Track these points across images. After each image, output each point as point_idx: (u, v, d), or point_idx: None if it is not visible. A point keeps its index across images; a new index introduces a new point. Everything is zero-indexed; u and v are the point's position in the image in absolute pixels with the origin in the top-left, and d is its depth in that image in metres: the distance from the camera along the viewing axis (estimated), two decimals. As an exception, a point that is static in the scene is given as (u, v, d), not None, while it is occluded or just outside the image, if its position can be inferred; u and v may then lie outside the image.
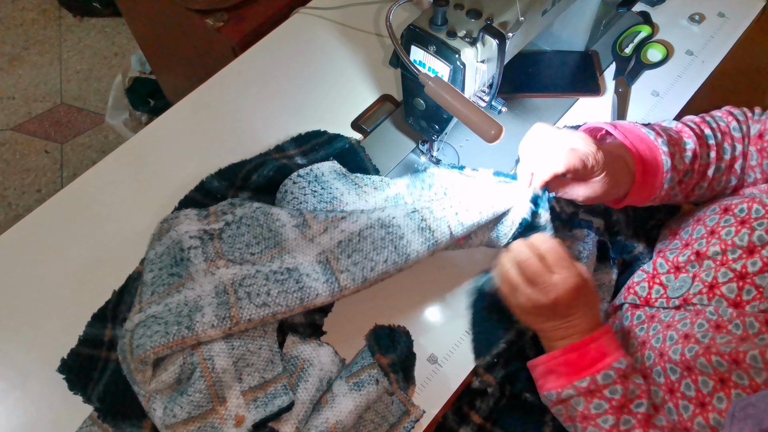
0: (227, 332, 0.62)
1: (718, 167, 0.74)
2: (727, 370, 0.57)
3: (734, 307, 0.61)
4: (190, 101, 0.94)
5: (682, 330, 0.64)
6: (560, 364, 0.64)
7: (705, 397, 0.58)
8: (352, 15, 1.05)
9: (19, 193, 1.84)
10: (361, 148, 0.88)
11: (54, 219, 0.82)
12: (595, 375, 0.62)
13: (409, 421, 0.68)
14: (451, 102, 0.64)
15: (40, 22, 2.21)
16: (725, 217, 0.68)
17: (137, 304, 0.67)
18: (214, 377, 0.61)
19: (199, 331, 0.61)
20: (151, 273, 0.69)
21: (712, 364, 0.58)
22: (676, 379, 0.62)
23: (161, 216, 0.79)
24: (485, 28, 0.65)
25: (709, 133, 0.73)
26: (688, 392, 0.60)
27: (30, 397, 0.69)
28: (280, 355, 0.67)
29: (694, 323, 0.63)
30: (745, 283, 0.61)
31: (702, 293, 0.65)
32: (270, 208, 0.73)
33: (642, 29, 1.01)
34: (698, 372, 0.59)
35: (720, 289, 0.63)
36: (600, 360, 0.63)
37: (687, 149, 0.71)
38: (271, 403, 0.63)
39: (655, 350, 0.65)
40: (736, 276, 0.62)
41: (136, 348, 0.61)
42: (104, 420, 0.66)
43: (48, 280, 0.77)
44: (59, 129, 1.96)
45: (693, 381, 0.60)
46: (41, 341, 0.73)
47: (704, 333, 0.61)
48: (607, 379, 0.61)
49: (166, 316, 0.63)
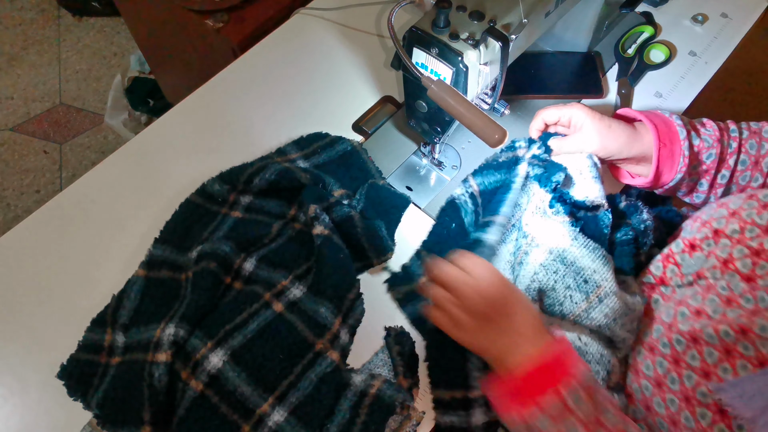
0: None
1: (742, 160, 0.74)
2: (734, 340, 0.57)
3: (747, 281, 0.61)
4: (191, 102, 0.94)
5: (693, 306, 0.64)
6: (519, 384, 0.59)
7: (709, 368, 0.58)
8: (352, 16, 1.04)
9: (17, 193, 1.83)
10: (363, 151, 0.87)
11: (53, 222, 0.81)
12: (561, 391, 0.56)
13: (410, 425, 0.68)
14: (454, 106, 0.63)
15: (38, 22, 2.20)
16: (749, 201, 0.68)
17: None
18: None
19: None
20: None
21: (719, 335, 0.58)
22: (681, 350, 0.62)
23: (161, 219, 0.79)
24: (488, 31, 0.64)
25: (734, 127, 0.74)
26: (693, 362, 0.60)
27: (29, 403, 0.69)
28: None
29: (705, 298, 0.63)
30: (760, 259, 0.61)
31: (716, 268, 0.65)
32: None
33: (645, 30, 1.00)
34: (704, 343, 0.60)
35: (734, 264, 0.63)
36: (561, 376, 0.58)
37: (706, 134, 0.73)
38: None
39: (665, 324, 0.66)
40: (752, 252, 0.62)
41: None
42: (103, 426, 0.65)
43: (47, 283, 0.77)
44: (58, 129, 1.96)
45: (699, 352, 0.60)
46: (40, 346, 0.72)
47: (715, 308, 0.61)
48: (573, 394, 0.56)
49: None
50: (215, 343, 0.65)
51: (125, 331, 0.71)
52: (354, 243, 0.76)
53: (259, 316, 0.68)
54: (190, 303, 0.68)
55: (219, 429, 0.63)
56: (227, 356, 0.65)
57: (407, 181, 0.87)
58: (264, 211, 0.81)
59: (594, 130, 0.73)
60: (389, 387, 0.66)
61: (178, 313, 0.68)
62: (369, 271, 0.78)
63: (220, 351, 0.65)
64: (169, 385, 0.64)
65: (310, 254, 0.75)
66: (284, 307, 0.70)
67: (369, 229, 0.77)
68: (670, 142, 0.72)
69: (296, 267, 0.74)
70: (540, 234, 0.70)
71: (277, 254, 0.75)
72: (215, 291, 0.71)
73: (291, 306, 0.70)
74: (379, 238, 0.77)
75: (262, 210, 0.81)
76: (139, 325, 0.71)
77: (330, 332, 0.69)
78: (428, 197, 0.86)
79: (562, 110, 0.75)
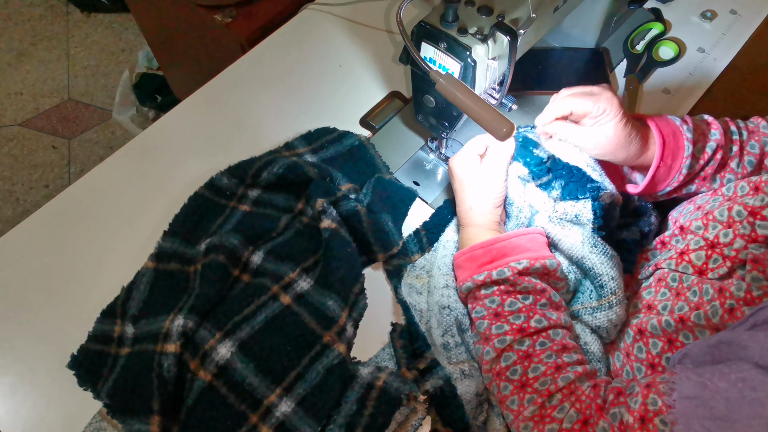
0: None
1: (749, 161, 0.73)
2: (675, 330, 0.59)
3: (698, 274, 0.63)
4: (199, 97, 0.94)
5: (646, 299, 0.67)
6: (466, 260, 0.71)
7: (654, 358, 0.61)
8: (360, 11, 1.05)
9: (26, 188, 1.84)
10: (371, 145, 0.87)
11: (62, 215, 0.82)
12: (491, 272, 0.67)
13: (416, 418, 0.68)
14: (462, 99, 0.63)
15: (47, 18, 2.22)
16: (715, 197, 0.69)
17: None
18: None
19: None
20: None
21: (662, 326, 0.60)
22: (630, 342, 0.65)
23: (170, 212, 0.80)
24: (496, 25, 0.64)
25: (734, 129, 0.74)
26: (640, 354, 0.63)
27: (39, 393, 0.69)
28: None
29: (658, 292, 0.66)
30: (714, 252, 0.62)
31: (672, 258, 0.66)
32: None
33: (654, 26, 1.00)
34: (649, 335, 0.62)
35: (689, 255, 0.64)
36: (500, 258, 0.68)
37: (712, 139, 0.71)
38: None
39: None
40: (707, 245, 0.63)
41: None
42: (113, 416, 0.66)
43: (56, 276, 0.77)
44: (67, 125, 1.97)
45: (644, 344, 0.63)
46: (50, 337, 0.73)
47: (665, 303, 0.64)
48: (501, 274, 0.66)
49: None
50: (223, 335, 0.66)
51: (134, 323, 0.72)
52: (360, 237, 0.77)
53: (267, 308, 0.69)
54: (198, 295, 0.69)
55: (227, 419, 0.63)
56: (235, 347, 0.65)
57: (414, 176, 0.87)
58: (272, 204, 0.81)
59: (615, 139, 0.67)
60: (395, 379, 0.66)
61: (187, 304, 0.69)
62: (373, 266, 0.79)
63: (229, 342, 0.66)
64: (177, 375, 0.65)
65: (317, 247, 0.75)
66: (292, 300, 0.70)
67: (375, 223, 0.77)
68: (672, 158, 0.69)
69: (304, 260, 0.75)
70: (559, 241, 0.71)
71: (284, 247, 0.75)
72: (223, 283, 0.71)
73: (298, 298, 0.70)
74: (385, 233, 0.78)
75: (270, 203, 0.81)
76: (148, 317, 0.72)
77: (337, 325, 0.69)
78: (435, 192, 0.86)
79: (597, 102, 0.65)
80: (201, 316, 0.68)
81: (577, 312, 0.70)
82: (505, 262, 0.67)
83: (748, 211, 0.61)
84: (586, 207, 0.69)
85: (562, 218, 0.71)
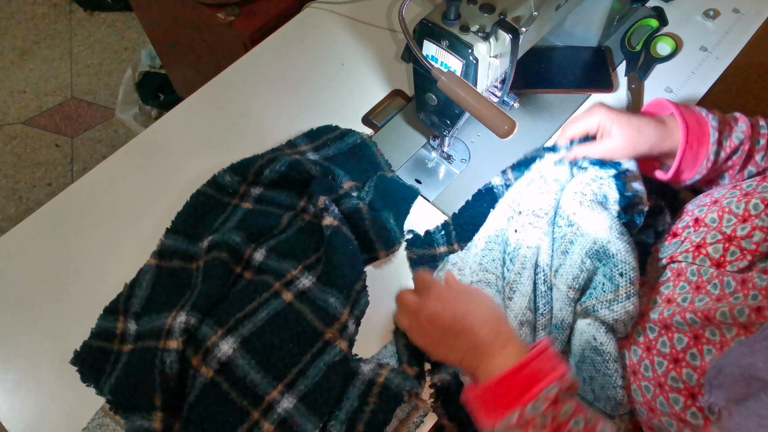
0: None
1: None
2: (701, 326, 0.59)
3: (716, 267, 0.63)
4: (201, 96, 0.94)
5: (665, 293, 0.67)
6: (490, 397, 0.57)
7: (679, 353, 0.61)
8: (363, 9, 1.05)
9: (29, 186, 1.85)
10: (373, 143, 0.88)
11: (65, 213, 0.82)
12: (525, 406, 0.54)
13: (418, 415, 0.68)
14: (464, 97, 0.63)
15: (50, 17, 2.22)
16: (732, 191, 0.69)
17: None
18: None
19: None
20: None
21: (687, 321, 0.60)
22: (654, 337, 0.65)
23: (172, 210, 0.80)
24: (498, 23, 0.65)
25: (763, 123, 0.74)
26: (663, 349, 0.63)
27: (42, 389, 0.70)
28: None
29: (677, 286, 0.66)
30: (731, 245, 0.63)
31: (688, 251, 0.66)
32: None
33: (649, 23, 0.99)
34: (675, 330, 0.62)
35: (706, 249, 0.65)
36: (530, 388, 0.55)
37: (738, 131, 0.72)
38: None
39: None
40: (724, 238, 0.64)
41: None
42: (116, 411, 0.66)
43: (59, 273, 0.78)
44: (70, 123, 1.97)
45: (669, 338, 0.63)
46: (54, 334, 0.73)
47: (684, 296, 0.64)
48: (535, 410, 0.54)
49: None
50: (226, 331, 0.66)
51: (137, 319, 0.72)
52: (362, 235, 0.77)
53: (269, 305, 0.69)
54: (201, 292, 0.69)
55: (229, 415, 0.64)
56: (237, 344, 0.66)
57: (416, 174, 0.87)
58: (274, 202, 0.81)
59: (624, 135, 0.71)
60: (397, 376, 0.67)
61: (190, 301, 0.69)
62: (374, 263, 0.79)
63: (231, 339, 0.66)
64: (180, 372, 0.65)
65: (319, 245, 0.76)
66: (294, 297, 0.70)
67: (377, 221, 0.78)
68: (698, 143, 0.71)
69: (306, 257, 0.75)
70: (587, 224, 0.71)
71: (286, 245, 0.76)
72: (226, 280, 0.72)
73: (300, 295, 0.71)
74: (386, 230, 0.78)
75: (272, 201, 0.81)
76: (150, 314, 0.72)
77: (339, 322, 0.69)
78: (437, 190, 0.86)
79: (587, 120, 0.73)
80: (203, 313, 0.68)
81: (592, 308, 0.69)
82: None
83: (766, 204, 0.61)
84: (612, 188, 0.71)
85: (592, 200, 0.72)
